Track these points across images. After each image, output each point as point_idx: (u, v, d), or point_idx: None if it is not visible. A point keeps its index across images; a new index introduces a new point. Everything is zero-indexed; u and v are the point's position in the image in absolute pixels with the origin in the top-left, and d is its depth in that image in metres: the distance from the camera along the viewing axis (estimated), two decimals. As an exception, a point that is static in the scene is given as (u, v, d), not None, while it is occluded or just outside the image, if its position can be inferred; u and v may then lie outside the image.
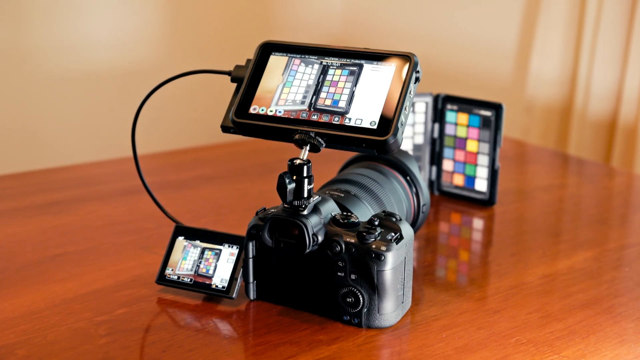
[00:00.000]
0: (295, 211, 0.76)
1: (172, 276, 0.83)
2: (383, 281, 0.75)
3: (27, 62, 2.06)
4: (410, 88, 0.76)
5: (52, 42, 2.09)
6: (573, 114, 1.96)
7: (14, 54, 2.05)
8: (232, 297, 0.81)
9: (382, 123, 0.74)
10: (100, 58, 2.17)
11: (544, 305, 0.83)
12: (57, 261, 0.91)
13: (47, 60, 2.08)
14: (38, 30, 2.07)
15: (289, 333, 0.76)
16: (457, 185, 1.14)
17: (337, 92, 0.77)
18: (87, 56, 2.12)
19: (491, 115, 1.09)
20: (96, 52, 2.14)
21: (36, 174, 1.25)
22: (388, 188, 0.89)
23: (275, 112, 0.78)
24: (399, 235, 0.76)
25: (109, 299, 0.82)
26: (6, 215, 1.06)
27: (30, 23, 2.07)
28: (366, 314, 0.76)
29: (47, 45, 2.09)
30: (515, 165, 1.33)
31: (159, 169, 1.29)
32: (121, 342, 0.74)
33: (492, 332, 0.77)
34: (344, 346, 0.74)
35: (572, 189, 1.21)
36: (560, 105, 2.01)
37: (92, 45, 2.13)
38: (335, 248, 0.75)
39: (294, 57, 0.80)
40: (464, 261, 0.96)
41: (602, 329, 0.78)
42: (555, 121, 2.03)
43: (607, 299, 0.84)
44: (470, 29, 2.21)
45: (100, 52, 2.17)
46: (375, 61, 0.78)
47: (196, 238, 0.85)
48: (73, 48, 2.12)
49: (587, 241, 1.00)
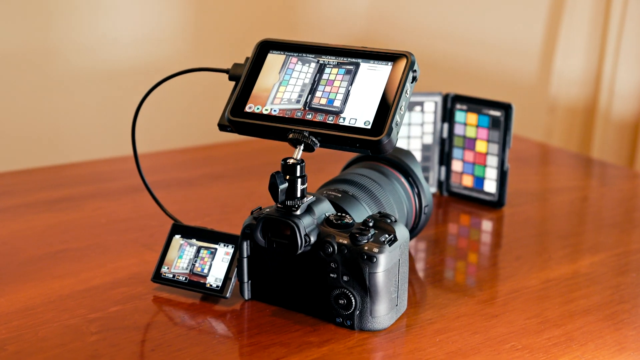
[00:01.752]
0: (288, 211, 0.75)
1: (167, 274, 0.83)
2: (375, 283, 0.74)
3: (50, 60, 2.08)
4: (406, 87, 0.74)
5: (74, 41, 2.11)
6: (597, 114, 1.92)
7: (37, 52, 2.07)
8: (225, 296, 0.80)
9: (377, 123, 0.73)
10: (122, 56, 2.18)
11: (544, 310, 0.81)
12: (57, 257, 0.92)
13: (69, 58, 2.10)
14: (60, 28, 2.09)
15: (280, 334, 0.75)
16: (466, 186, 1.12)
17: (332, 91, 0.76)
18: (109, 54, 2.13)
19: (500, 115, 1.07)
20: (118, 51, 2.15)
21: (47, 170, 1.26)
22: (388, 189, 0.88)
23: (270, 111, 0.77)
24: (392, 237, 0.75)
25: (104, 296, 0.82)
26: (13, 211, 1.07)
27: (53, 21, 2.09)
28: (359, 316, 0.75)
29: (69, 44, 2.11)
30: (530, 166, 1.31)
31: (169, 166, 1.29)
32: (111, 340, 0.74)
33: (487, 337, 0.76)
34: (334, 348, 0.73)
35: (588, 192, 1.19)
36: (584, 105, 1.98)
37: (114, 43, 2.14)
38: (328, 249, 0.75)
39: (292, 56, 0.80)
40: (467, 264, 0.95)
41: (601, 336, 0.76)
42: (579, 122, 1.99)
43: (610, 305, 0.82)
44: (495, 28, 2.19)
45: (122, 50, 2.18)
46: (372, 60, 0.77)
47: (192, 237, 0.84)
48: (95, 46, 2.13)
49: (596, 245, 0.98)
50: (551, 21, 2.04)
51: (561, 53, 1.98)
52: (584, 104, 1.98)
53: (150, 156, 1.35)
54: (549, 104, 2.03)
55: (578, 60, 1.95)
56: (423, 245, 1.00)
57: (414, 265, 0.93)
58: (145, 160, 1.32)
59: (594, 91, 1.95)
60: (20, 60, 2.05)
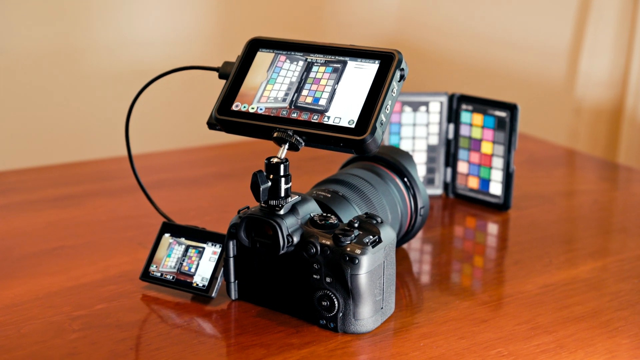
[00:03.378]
0: (272, 211, 0.74)
1: (155, 273, 0.83)
2: (357, 285, 0.72)
3: (73, 60, 2.10)
4: (392, 86, 0.73)
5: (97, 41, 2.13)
6: (623, 117, 1.88)
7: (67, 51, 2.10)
8: (211, 296, 0.80)
9: (361, 122, 0.72)
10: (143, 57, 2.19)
11: (536, 316, 0.79)
12: (52, 254, 0.92)
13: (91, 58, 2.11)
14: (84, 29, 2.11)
15: (261, 335, 0.74)
16: (472, 188, 1.10)
17: (318, 89, 0.75)
18: (131, 55, 2.14)
19: (506, 116, 1.05)
20: (140, 52, 2.16)
21: (55, 168, 1.27)
22: (381, 189, 0.86)
23: (256, 110, 0.76)
24: (377, 239, 0.73)
25: (92, 293, 0.82)
26: (16, 208, 1.07)
27: (84, 21, 2.11)
28: (342, 318, 0.74)
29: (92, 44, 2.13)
30: (544, 168, 1.28)
31: (176, 165, 1.29)
32: (92, 337, 0.73)
33: (473, 342, 0.74)
34: (315, 351, 0.72)
35: (598, 195, 1.15)
36: (610, 107, 1.93)
37: (136, 45, 2.16)
38: (311, 250, 0.73)
39: (280, 54, 0.79)
40: (465, 267, 0.93)
41: (593, 344, 0.74)
42: (605, 124, 1.95)
43: (607, 312, 0.80)
44: (522, 28, 2.15)
45: (144, 51, 2.19)
46: (360, 58, 0.75)
47: (182, 235, 0.84)
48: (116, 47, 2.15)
49: (600, 250, 0.95)
50: (577, 21, 2.00)
51: (587, 53, 1.93)
52: (611, 105, 1.93)
53: (159, 155, 1.35)
54: (575, 106, 1.99)
55: (604, 60, 1.91)
56: (424, 247, 0.98)
57: (411, 267, 0.92)
58: (153, 159, 1.33)
59: (621, 93, 1.90)
60: (45, 59, 2.07)
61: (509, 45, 2.18)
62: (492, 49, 2.22)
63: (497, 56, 2.20)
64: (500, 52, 2.19)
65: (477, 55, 2.27)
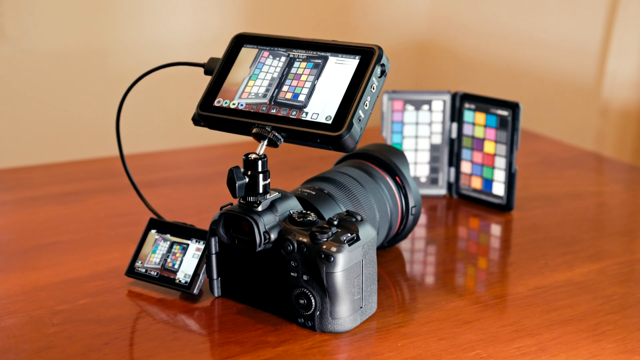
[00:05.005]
0: (250, 207, 0.74)
1: (140, 269, 0.83)
2: (333, 284, 0.71)
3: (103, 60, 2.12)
4: (372, 82, 0.72)
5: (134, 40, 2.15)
6: (650, 118, 1.83)
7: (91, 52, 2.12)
8: (193, 293, 0.79)
9: (337, 118, 0.71)
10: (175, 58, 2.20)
11: (522, 318, 0.77)
12: (46, 249, 0.93)
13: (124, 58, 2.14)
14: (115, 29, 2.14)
15: (238, 332, 0.74)
16: (475, 188, 1.08)
17: (299, 85, 0.75)
18: (156, 56, 2.16)
19: (508, 115, 1.03)
20: (166, 52, 2.18)
21: (65, 165, 1.28)
22: (370, 188, 0.85)
23: (237, 106, 0.76)
24: (355, 237, 0.72)
25: (78, 288, 0.82)
26: (19, 203, 1.09)
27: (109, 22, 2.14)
28: (319, 317, 0.73)
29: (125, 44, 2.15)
30: (554, 169, 1.25)
31: (184, 163, 1.30)
32: (69, 332, 0.74)
33: (452, 343, 0.72)
34: (290, 349, 0.71)
35: (607, 198, 1.13)
36: (637, 109, 1.89)
37: (162, 45, 2.17)
38: (288, 247, 0.73)
39: (264, 50, 0.78)
40: (458, 268, 0.91)
41: (576, 348, 0.71)
42: (633, 126, 1.91)
43: (596, 316, 0.77)
44: (551, 28, 2.11)
45: (176, 51, 2.21)
46: (340, 54, 0.74)
47: (167, 232, 0.84)
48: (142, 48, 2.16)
49: (599, 253, 0.93)
50: (605, 20, 1.96)
51: (614, 54, 1.89)
52: (638, 107, 1.89)
53: (169, 153, 1.36)
54: (601, 107, 1.94)
55: (632, 61, 1.87)
56: (421, 247, 0.97)
57: (404, 266, 0.90)
58: (162, 157, 1.33)
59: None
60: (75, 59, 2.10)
61: (538, 46, 2.14)
62: (521, 50, 2.19)
63: (529, 56, 2.17)
64: (529, 53, 2.16)
65: (506, 56, 2.23)
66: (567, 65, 2.06)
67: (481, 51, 2.34)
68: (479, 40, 2.35)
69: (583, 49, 2.02)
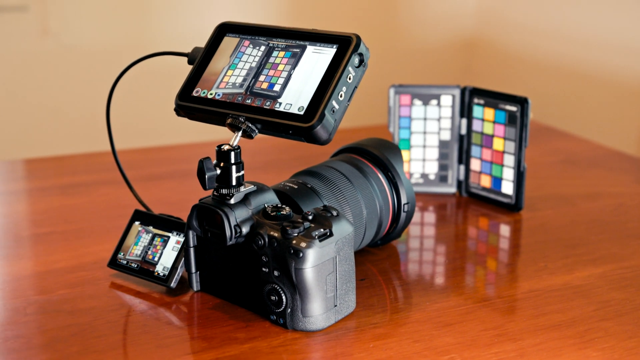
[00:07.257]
0: (222, 200, 0.72)
1: (122, 261, 0.82)
2: (303, 280, 0.69)
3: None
4: (348, 71, 0.69)
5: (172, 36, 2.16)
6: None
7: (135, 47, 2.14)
8: (170, 286, 0.78)
9: (310, 109, 0.69)
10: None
11: (507, 322, 0.73)
12: (39, 240, 0.93)
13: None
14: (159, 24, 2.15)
15: (208, 328, 0.72)
16: (484, 187, 1.04)
17: (275, 75, 0.72)
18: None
19: (516, 110, 0.99)
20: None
21: (76, 157, 1.29)
22: (358, 184, 0.82)
23: (214, 96, 0.74)
24: (327, 232, 0.69)
25: (59, 279, 0.82)
26: (25, 194, 1.09)
27: (153, 17, 2.15)
28: (290, 314, 0.71)
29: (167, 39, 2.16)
30: (576, 169, 1.20)
31: (192, 158, 1.29)
32: (40, 322, 0.73)
33: (427, 346, 0.69)
34: (257, 346, 0.69)
35: (625, 198, 1.07)
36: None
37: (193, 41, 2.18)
38: (259, 241, 0.70)
39: (245, 39, 0.76)
40: (453, 268, 0.87)
41: (559, 355, 0.68)
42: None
43: (587, 322, 0.73)
44: (600, 26, 2.04)
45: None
46: (319, 43, 0.72)
47: (150, 224, 0.83)
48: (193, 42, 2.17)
49: (605, 256, 0.88)
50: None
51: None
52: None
53: (180, 148, 1.35)
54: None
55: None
56: (419, 246, 0.94)
57: (399, 265, 0.87)
58: (173, 151, 1.33)
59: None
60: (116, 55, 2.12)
61: (586, 44, 2.07)
62: (568, 47, 2.12)
63: (578, 54, 2.10)
64: (576, 52, 2.09)
65: (554, 55, 2.17)
66: (615, 64, 1.99)
67: (528, 48, 2.28)
68: (526, 37, 2.28)
69: (630, 49, 1.95)
